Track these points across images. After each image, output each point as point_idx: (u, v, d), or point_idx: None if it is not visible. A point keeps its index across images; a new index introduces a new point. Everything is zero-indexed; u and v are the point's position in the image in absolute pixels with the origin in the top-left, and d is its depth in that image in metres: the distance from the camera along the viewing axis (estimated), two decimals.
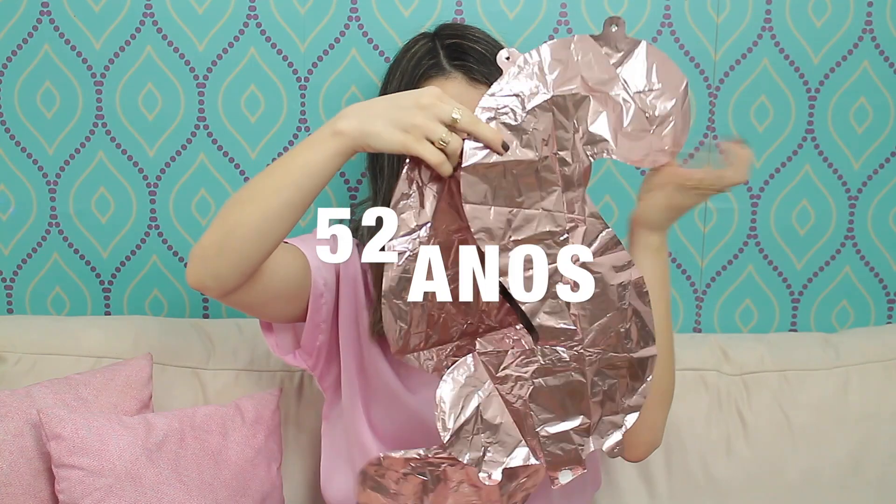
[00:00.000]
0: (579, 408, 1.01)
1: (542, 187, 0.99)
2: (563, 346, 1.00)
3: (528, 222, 0.98)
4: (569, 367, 1.01)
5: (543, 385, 1.00)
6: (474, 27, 1.21)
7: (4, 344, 1.47)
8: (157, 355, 1.45)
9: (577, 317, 1.00)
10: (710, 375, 1.51)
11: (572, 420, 1.01)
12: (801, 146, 1.60)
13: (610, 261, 1.00)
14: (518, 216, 0.98)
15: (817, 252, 1.63)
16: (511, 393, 1.00)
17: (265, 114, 1.56)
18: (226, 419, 1.34)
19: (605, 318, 1.01)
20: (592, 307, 1.00)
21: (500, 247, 0.98)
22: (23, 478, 1.26)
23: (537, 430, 1.00)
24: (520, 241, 0.98)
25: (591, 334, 1.00)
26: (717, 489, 1.48)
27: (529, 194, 0.98)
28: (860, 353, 1.53)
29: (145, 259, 1.61)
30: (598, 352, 1.01)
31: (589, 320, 1.00)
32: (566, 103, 0.99)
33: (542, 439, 1.00)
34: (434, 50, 1.17)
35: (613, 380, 1.02)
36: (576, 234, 1.00)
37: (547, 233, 0.99)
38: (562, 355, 1.00)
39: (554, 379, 1.01)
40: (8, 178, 1.60)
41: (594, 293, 1.00)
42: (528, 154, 0.98)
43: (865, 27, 1.57)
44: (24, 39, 1.56)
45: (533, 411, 1.00)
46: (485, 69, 1.14)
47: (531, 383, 1.00)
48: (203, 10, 1.55)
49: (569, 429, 1.01)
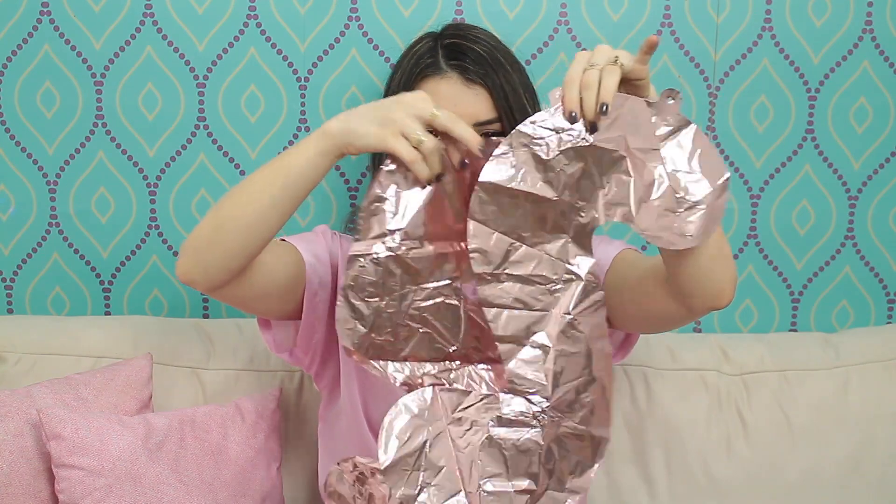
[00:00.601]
0: (528, 470, 0.98)
1: (552, 230, 0.97)
2: (529, 399, 0.97)
3: (527, 260, 0.97)
4: (528, 423, 0.98)
5: (498, 436, 0.97)
6: (478, 28, 1.21)
7: (4, 344, 1.47)
8: (157, 355, 1.45)
9: (550, 372, 0.97)
10: (710, 375, 1.51)
11: (518, 481, 0.98)
12: (801, 146, 1.60)
13: (593, 321, 0.98)
14: (519, 251, 0.97)
15: (817, 252, 1.63)
16: (462, 437, 0.97)
17: (265, 114, 1.56)
18: (226, 419, 1.34)
19: (575, 382, 0.98)
20: (567, 366, 0.97)
21: (493, 275, 0.97)
22: (23, 478, 1.26)
23: (480, 483, 0.97)
24: (512, 276, 0.97)
25: (559, 394, 0.98)
26: (717, 489, 1.48)
27: (537, 232, 0.97)
28: (860, 353, 1.53)
29: (145, 259, 1.61)
30: (560, 415, 0.98)
31: (561, 379, 0.98)
32: (601, 157, 0.95)
33: (483, 494, 0.97)
34: (434, 49, 1.18)
35: (570, 454, 0.99)
36: (570, 287, 0.97)
37: (542, 277, 0.97)
38: (525, 409, 0.97)
39: (510, 432, 0.98)
40: (8, 178, 1.60)
41: (573, 352, 0.97)
42: (548, 192, 0.96)
43: (865, 27, 1.57)
44: (24, 39, 1.56)
45: (481, 461, 0.97)
46: (480, 69, 1.14)
47: (486, 431, 0.97)
48: (203, 10, 1.55)
49: (511, 490, 0.98)
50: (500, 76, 1.14)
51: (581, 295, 0.97)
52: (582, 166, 0.95)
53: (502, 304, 0.97)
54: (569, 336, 0.97)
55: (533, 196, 0.96)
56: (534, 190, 0.95)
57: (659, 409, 1.48)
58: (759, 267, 1.63)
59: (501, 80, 1.14)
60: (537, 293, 0.97)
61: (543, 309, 0.97)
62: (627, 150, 0.95)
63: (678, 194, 0.94)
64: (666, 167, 0.94)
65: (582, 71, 0.93)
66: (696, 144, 0.94)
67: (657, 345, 1.52)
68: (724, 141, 1.58)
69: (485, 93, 1.13)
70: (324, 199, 1.57)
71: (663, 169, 0.94)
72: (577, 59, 0.94)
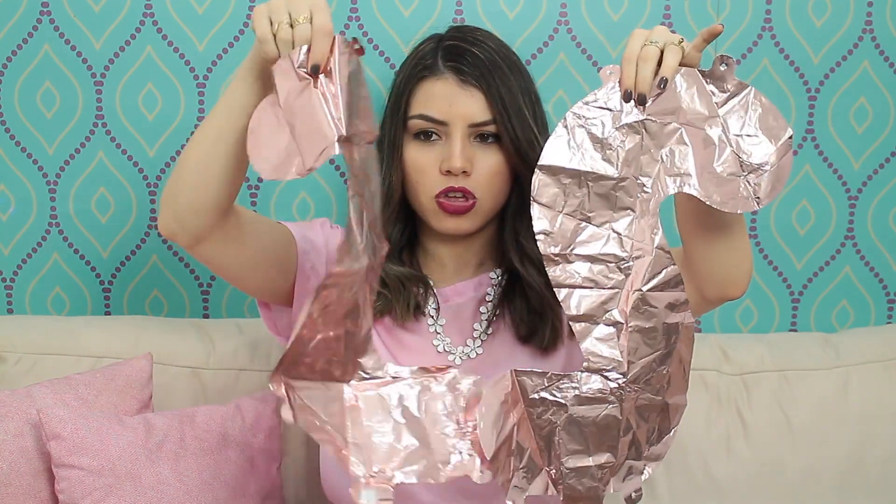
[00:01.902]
0: (608, 444, 0.99)
1: (616, 207, 0.97)
2: (605, 376, 0.98)
3: (594, 239, 0.97)
4: (607, 399, 0.98)
5: (578, 414, 0.98)
6: (482, 30, 1.21)
7: (4, 344, 1.47)
8: (157, 355, 1.45)
9: (626, 349, 0.98)
10: (710, 375, 1.51)
11: (598, 456, 0.99)
12: (801, 146, 1.60)
13: (668, 298, 0.98)
14: (586, 230, 0.97)
15: (817, 252, 1.63)
16: (542, 418, 0.98)
17: None
18: (226, 419, 1.34)
19: (651, 356, 0.99)
20: (642, 341, 0.98)
21: (560, 256, 0.97)
22: (23, 478, 1.26)
23: (562, 461, 0.98)
24: (581, 257, 0.97)
25: (635, 369, 0.98)
26: (717, 489, 1.48)
27: (601, 211, 0.97)
28: (860, 353, 1.53)
29: (145, 259, 1.61)
30: (637, 388, 0.99)
31: (637, 354, 0.98)
32: (657, 130, 0.97)
33: (565, 471, 0.98)
34: (435, 50, 1.18)
35: (648, 423, 1.00)
36: (640, 263, 0.98)
37: (612, 255, 0.97)
38: (602, 386, 0.98)
39: (590, 409, 0.98)
40: (8, 178, 1.60)
41: (647, 327, 0.98)
42: (608, 169, 0.97)
43: (865, 27, 1.57)
44: (24, 39, 1.56)
45: (562, 440, 0.98)
46: (476, 71, 1.14)
47: (566, 410, 0.98)
48: (203, 10, 1.55)
49: (593, 465, 0.99)
50: (497, 79, 1.14)
51: (652, 270, 0.98)
52: (639, 141, 0.97)
53: (572, 283, 0.98)
54: (641, 312, 0.98)
55: (593, 175, 0.97)
56: (594, 168, 0.97)
57: None
58: (760, 267, 1.63)
59: (498, 83, 1.14)
60: (607, 271, 0.98)
61: (615, 287, 0.98)
62: (686, 121, 0.97)
63: (742, 158, 0.96)
64: (727, 132, 0.96)
65: (640, 48, 0.95)
66: (755, 106, 0.96)
67: None
68: None
69: (480, 94, 1.13)
70: (324, 199, 1.57)
71: (724, 134, 0.96)
72: (635, 35, 0.96)
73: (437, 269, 1.24)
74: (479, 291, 1.23)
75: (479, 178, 1.15)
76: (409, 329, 1.21)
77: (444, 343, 1.20)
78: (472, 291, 1.23)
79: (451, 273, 1.24)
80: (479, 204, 1.16)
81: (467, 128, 1.13)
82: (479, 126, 1.14)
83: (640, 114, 0.96)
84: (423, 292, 1.21)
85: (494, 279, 1.23)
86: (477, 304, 1.23)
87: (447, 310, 1.22)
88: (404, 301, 1.19)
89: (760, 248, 1.62)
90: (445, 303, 1.22)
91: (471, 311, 1.22)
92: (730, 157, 0.96)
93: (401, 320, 1.19)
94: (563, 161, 0.97)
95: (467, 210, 1.15)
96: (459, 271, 1.24)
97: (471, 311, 1.22)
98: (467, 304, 1.23)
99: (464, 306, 1.23)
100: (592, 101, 0.97)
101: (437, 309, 1.22)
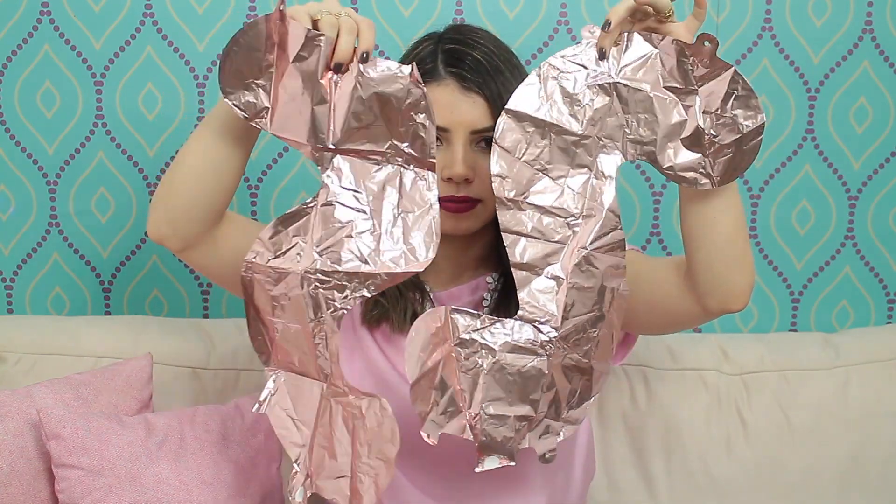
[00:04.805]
0: (529, 397, 1.00)
1: (574, 164, 0.98)
2: (538, 328, 0.99)
3: (549, 191, 0.98)
4: (535, 351, 0.99)
5: (505, 361, 0.99)
6: (480, 31, 1.20)
7: (4, 344, 1.47)
8: (157, 355, 1.45)
9: (562, 304, 0.99)
10: (710, 375, 1.51)
11: (519, 407, 1.00)
12: (801, 146, 1.60)
13: (610, 260, 0.99)
14: (542, 181, 0.98)
15: (817, 252, 1.63)
16: (469, 359, 0.98)
17: None
18: (226, 419, 1.34)
19: (585, 316, 1.00)
20: (579, 299, 0.99)
21: (513, 202, 0.98)
22: (23, 478, 1.26)
23: (482, 406, 0.99)
24: (533, 206, 0.98)
25: (568, 326, 0.99)
26: (717, 489, 1.48)
27: (559, 165, 0.98)
28: (860, 353, 1.53)
29: (145, 259, 1.61)
30: (566, 347, 1.00)
31: (572, 311, 0.99)
32: (629, 96, 0.98)
33: (484, 417, 0.99)
34: (434, 53, 1.17)
35: (571, 384, 1.01)
36: (589, 222, 0.99)
37: (563, 210, 0.98)
38: (533, 337, 0.99)
39: (517, 358, 0.99)
40: (8, 178, 1.60)
41: (587, 286, 0.99)
42: (573, 125, 0.98)
43: (865, 27, 1.57)
44: (24, 39, 1.56)
45: (485, 384, 0.99)
46: (478, 77, 1.13)
47: (494, 356, 0.99)
48: (203, 10, 1.55)
49: (511, 416, 1.00)
50: (499, 83, 1.13)
51: (599, 230, 0.98)
52: (608, 102, 0.98)
53: (520, 231, 0.99)
54: (583, 270, 0.99)
55: (558, 127, 0.98)
56: (559, 122, 0.98)
57: (659, 409, 1.48)
58: (760, 267, 1.63)
59: (500, 88, 1.13)
60: (556, 225, 0.99)
61: (561, 241, 0.99)
62: (658, 90, 0.97)
63: (708, 136, 0.97)
64: (699, 109, 0.97)
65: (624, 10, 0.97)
66: (733, 87, 0.96)
67: (657, 345, 1.52)
68: None
69: (482, 100, 1.13)
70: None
71: (695, 110, 0.97)
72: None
73: (432, 272, 1.23)
74: (476, 295, 1.23)
75: (481, 183, 1.14)
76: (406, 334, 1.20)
77: None
78: (468, 296, 1.22)
79: (447, 277, 1.23)
80: (482, 206, 1.16)
81: (469, 134, 1.12)
82: (482, 132, 1.14)
83: (612, 77, 0.97)
84: (419, 298, 1.21)
85: (491, 283, 1.23)
86: (473, 308, 1.22)
87: None
88: (401, 309, 1.19)
89: (760, 248, 1.62)
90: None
91: None
92: (697, 133, 0.97)
93: (398, 329, 1.19)
94: (530, 109, 0.98)
95: (468, 209, 1.15)
96: (455, 275, 1.23)
97: None
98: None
99: None
100: (570, 55, 0.98)
101: None
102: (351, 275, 0.98)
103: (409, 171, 0.99)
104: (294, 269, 0.99)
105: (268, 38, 0.96)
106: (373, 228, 0.99)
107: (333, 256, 0.99)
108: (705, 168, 0.97)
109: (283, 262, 1.00)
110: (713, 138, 0.97)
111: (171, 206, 1.06)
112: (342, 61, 0.98)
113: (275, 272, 1.00)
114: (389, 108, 0.98)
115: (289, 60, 0.97)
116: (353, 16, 0.99)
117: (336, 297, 0.99)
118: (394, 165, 1.00)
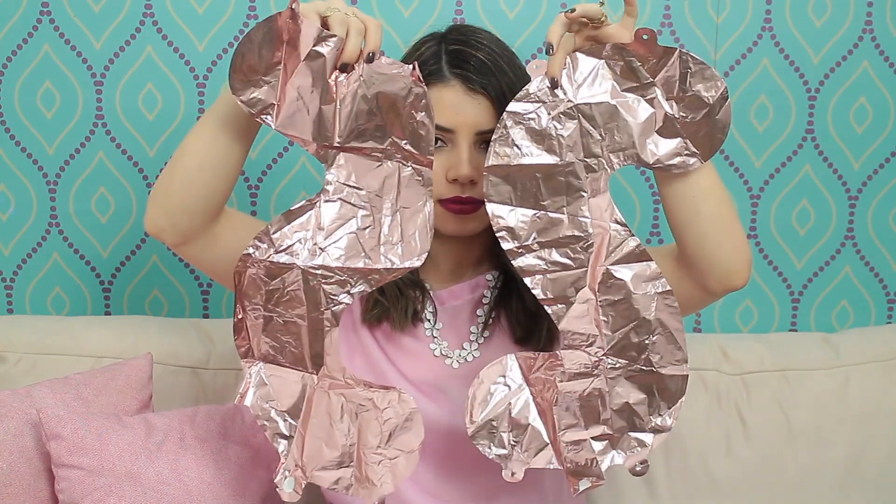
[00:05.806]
0: (599, 417, 1.02)
1: (568, 192, 1.00)
2: (584, 351, 1.02)
3: (553, 226, 1.00)
4: (591, 373, 1.02)
5: (567, 390, 1.02)
6: (483, 32, 1.20)
7: (4, 344, 1.47)
8: (157, 355, 1.45)
9: (600, 323, 1.01)
10: (709, 375, 1.51)
11: (593, 428, 1.02)
12: (801, 146, 1.60)
13: (633, 269, 1.01)
14: (543, 219, 1.00)
15: (817, 252, 1.63)
16: (541, 396, 1.01)
17: None
18: (226, 419, 1.34)
19: (629, 327, 1.01)
20: (614, 313, 1.01)
21: (525, 247, 1.00)
22: (23, 478, 1.26)
23: (559, 436, 1.02)
24: (544, 244, 1.00)
25: (613, 342, 1.01)
26: (717, 489, 1.48)
27: (554, 198, 1.00)
28: (860, 352, 1.53)
29: (145, 259, 1.61)
30: (621, 361, 1.02)
31: (611, 326, 1.01)
32: (593, 112, 1.00)
33: (564, 445, 1.02)
34: (438, 54, 1.17)
35: (641, 394, 1.02)
36: (600, 239, 1.01)
37: (572, 237, 1.00)
38: (585, 361, 1.02)
39: (577, 384, 1.02)
40: (8, 178, 1.60)
41: (617, 300, 1.01)
42: (551, 158, 1.00)
43: (865, 27, 1.57)
44: (24, 39, 1.56)
45: (557, 416, 1.02)
46: (483, 79, 1.13)
47: (555, 387, 1.02)
48: (203, 10, 1.55)
49: (588, 437, 1.02)
50: (503, 84, 1.14)
51: (610, 245, 1.01)
52: (576, 125, 1.00)
53: (541, 269, 1.01)
54: (609, 286, 1.01)
55: (539, 167, 1.00)
56: (539, 161, 1.00)
57: None
58: (759, 267, 1.63)
59: (504, 88, 1.13)
60: (571, 253, 1.01)
61: (581, 266, 1.01)
62: (618, 96, 0.99)
63: (680, 118, 0.99)
64: (661, 97, 0.99)
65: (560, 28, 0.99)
66: (685, 67, 0.99)
67: None
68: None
69: (487, 102, 1.13)
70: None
71: (660, 100, 0.99)
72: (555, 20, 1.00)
73: (432, 270, 1.23)
74: (476, 294, 1.23)
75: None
76: (406, 333, 1.21)
77: (440, 347, 1.20)
78: (469, 294, 1.23)
79: (447, 275, 1.23)
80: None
81: (474, 135, 1.12)
82: (487, 133, 1.14)
83: (573, 100, 0.99)
84: (420, 297, 1.21)
85: (491, 281, 1.23)
86: (473, 306, 1.22)
87: (443, 313, 1.22)
88: (402, 308, 1.19)
89: (760, 248, 1.63)
90: (441, 305, 1.22)
91: (467, 314, 1.22)
92: (668, 120, 0.99)
93: (399, 327, 1.19)
94: (507, 160, 1.00)
95: (473, 210, 1.15)
96: (455, 273, 1.23)
97: (467, 314, 1.22)
98: (464, 307, 1.22)
99: (460, 309, 1.22)
100: (524, 97, 1.00)
101: (433, 313, 1.21)
102: (352, 270, 1.01)
103: (408, 167, 1.01)
104: (296, 263, 1.01)
105: (278, 36, 0.97)
106: (373, 224, 1.02)
107: (335, 252, 1.01)
108: (688, 148, 1.00)
109: (285, 257, 1.01)
110: (685, 119, 0.99)
111: (169, 198, 1.06)
112: (349, 61, 0.99)
113: (275, 266, 1.01)
114: (391, 107, 1.00)
115: (300, 59, 0.97)
116: (360, 16, 1.00)
117: (337, 292, 1.01)
118: (393, 162, 1.01)
